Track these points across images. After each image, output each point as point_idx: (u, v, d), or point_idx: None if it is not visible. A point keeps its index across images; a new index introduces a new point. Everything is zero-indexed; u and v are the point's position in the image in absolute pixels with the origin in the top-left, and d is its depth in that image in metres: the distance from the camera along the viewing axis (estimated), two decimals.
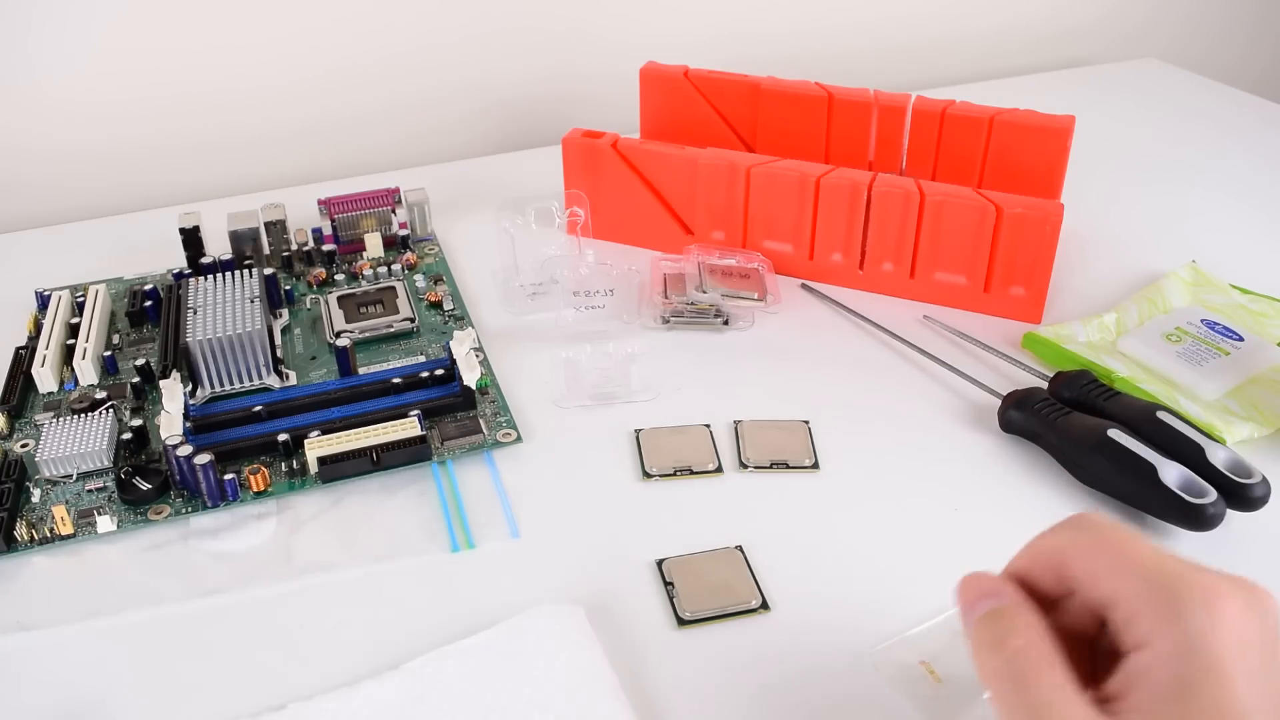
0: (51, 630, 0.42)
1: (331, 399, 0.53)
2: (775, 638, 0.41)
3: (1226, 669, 0.27)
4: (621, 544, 0.46)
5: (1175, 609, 0.28)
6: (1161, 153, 0.82)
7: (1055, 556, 0.32)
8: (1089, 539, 0.31)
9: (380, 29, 0.81)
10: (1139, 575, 0.29)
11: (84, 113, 0.76)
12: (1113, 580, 0.30)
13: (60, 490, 0.49)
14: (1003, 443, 0.51)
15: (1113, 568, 0.30)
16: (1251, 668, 0.28)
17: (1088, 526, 0.32)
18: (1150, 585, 0.29)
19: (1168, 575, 0.29)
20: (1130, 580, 0.29)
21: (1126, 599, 0.29)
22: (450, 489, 0.49)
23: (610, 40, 0.88)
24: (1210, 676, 0.27)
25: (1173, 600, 0.28)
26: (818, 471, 0.50)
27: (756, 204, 0.64)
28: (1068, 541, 0.32)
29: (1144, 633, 0.29)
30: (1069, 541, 0.32)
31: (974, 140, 0.67)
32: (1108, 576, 0.30)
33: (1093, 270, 0.65)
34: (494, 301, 0.63)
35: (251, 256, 0.66)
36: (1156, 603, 0.29)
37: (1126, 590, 0.29)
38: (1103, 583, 0.30)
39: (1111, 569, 0.30)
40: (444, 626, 0.41)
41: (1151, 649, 0.28)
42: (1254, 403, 0.52)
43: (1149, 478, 0.45)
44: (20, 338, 0.60)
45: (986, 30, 1.00)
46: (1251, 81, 1.07)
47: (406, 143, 0.85)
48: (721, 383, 0.56)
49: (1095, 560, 0.31)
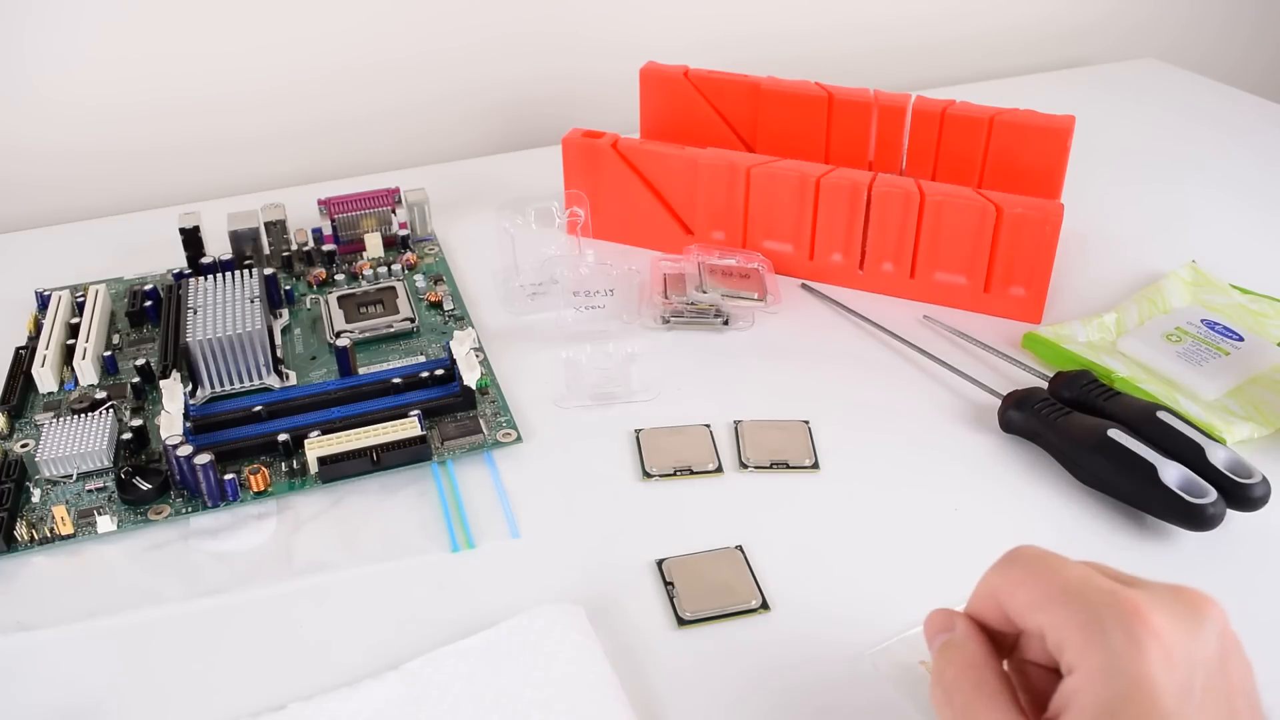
0: (51, 630, 0.42)
1: (331, 399, 0.53)
2: (775, 638, 0.41)
3: (1152, 686, 0.27)
4: (621, 544, 0.46)
5: (1096, 630, 0.28)
6: (1161, 153, 0.82)
7: (993, 596, 0.32)
8: (1018, 573, 0.32)
9: (381, 29, 0.81)
10: (1062, 601, 0.30)
11: (84, 113, 0.76)
12: (1040, 611, 0.30)
13: (60, 490, 0.49)
14: (1003, 443, 0.51)
15: (1039, 598, 0.30)
16: (1183, 682, 0.27)
17: (1018, 560, 0.32)
18: (1073, 609, 0.29)
19: (1090, 598, 0.29)
20: (1055, 608, 0.30)
21: (1053, 627, 0.30)
22: (450, 489, 0.49)
23: (610, 41, 0.88)
24: (1136, 695, 0.27)
25: (1093, 622, 0.29)
26: (818, 471, 0.50)
27: (756, 204, 0.64)
28: (999, 579, 0.32)
29: (1071, 657, 0.29)
30: (1001, 579, 0.32)
31: (974, 140, 0.67)
32: (1036, 608, 0.30)
33: (1093, 270, 0.65)
34: (494, 301, 0.63)
35: (251, 256, 0.66)
36: (1079, 626, 0.29)
37: (1052, 618, 0.30)
38: (1032, 614, 0.31)
39: (1038, 600, 0.30)
40: (444, 626, 0.41)
41: (1079, 673, 0.29)
42: (1254, 403, 0.52)
43: (1149, 478, 0.45)
44: (20, 338, 0.60)
45: (986, 30, 1.00)
46: (1251, 81, 1.07)
47: (406, 143, 0.85)
48: (721, 383, 0.56)
49: (1024, 593, 0.31)
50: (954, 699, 0.31)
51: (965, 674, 0.32)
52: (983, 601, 0.33)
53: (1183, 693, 0.27)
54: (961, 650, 0.32)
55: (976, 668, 0.32)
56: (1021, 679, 0.32)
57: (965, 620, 0.33)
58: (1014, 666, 0.33)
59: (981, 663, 0.32)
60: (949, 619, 0.34)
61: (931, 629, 0.34)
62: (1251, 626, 0.41)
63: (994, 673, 0.31)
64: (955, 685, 0.32)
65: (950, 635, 0.33)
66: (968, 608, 0.34)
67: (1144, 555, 0.45)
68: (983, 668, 0.32)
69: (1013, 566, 0.32)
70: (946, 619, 0.34)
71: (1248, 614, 0.42)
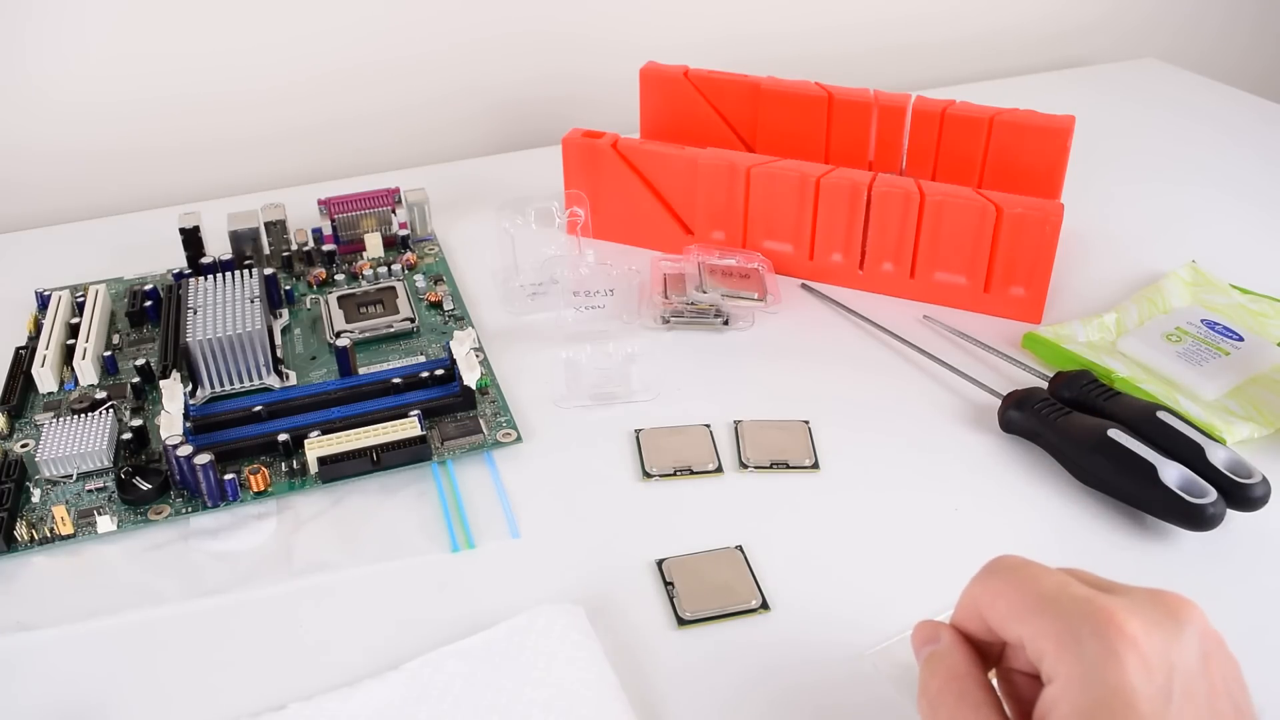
0: (51, 630, 0.42)
1: (331, 399, 0.53)
2: (775, 638, 0.41)
3: (1129, 693, 0.27)
4: (621, 544, 0.46)
5: (1072, 639, 0.28)
6: (1161, 153, 0.82)
7: (974, 608, 0.32)
8: (997, 584, 0.32)
9: (381, 29, 0.81)
10: (1040, 611, 0.30)
11: (84, 113, 0.76)
12: (1019, 622, 0.30)
13: (60, 490, 0.49)
14: (1003, 443, 0.51)
15: (1017, 609, 0.30)
16: (1160, 687, 0.27)
17: (997, 571, 0.32)
18: (1050, 619, 0.29)
19: (1065, 607, 0.29)
20: (1033, 618, 0.30)
21: (1032, 637, 0.30)
22: (450, 489, 0.49)
23: (610, 41, 0.88)
24: (1113, 702, 0.27)
25: (1069, 631, 0.29)
26: (818, 471, 0.50)
27: (756, 204, 0.64)
28: (979, 590, 0.32)
29: (1049, 667, 0.29)
30: (980, 590, 0.32)
31: (974, 140, 0.67)
32: (1015, 618, 0.31)
33: (1093, 270, 0.65)
34: (494, 301, 0.63)
35: (251, 256, 0.66)
36: (1056, 636, 0.29)
37: (1030, 629, 0.30)
38: (1012, 625, 0.31)
39: (1016, 611, 0.31)
40: (444, 626, 0.41)
41: (1057, 682, 0.29)
42: (1254, 403, 0.52)
43: (1149, 478, 0.45)
44: (20, 338, 0.60)
45: (986, 30, 1.00)
46: (1251, 81, 1.07)
47: (406, 143, 0.85)
48: (721, 383, 0.56)
49: (1003, 605, 0.31)
50: (938, 711, 0.32)
51: (949, 685, 0.32)
52: (966, 613, 0.33)
53: (1161, 698, 0.27)
54: (946, 661, 0.32)
55: (960, 679, 0.32)
56: (1008, 688, 0.33)
57: (950, 631, 0.33)
58: (1001, 676, 0.33)
59: (965, 674, 0.32)
60: (935, 630, 0.34)
61: (918, 640, 0.34)
62: (1250, 626, 0.41)
63: (978, 684, 0.31)
64: (940, 697, 0.32)
65: (936, 646, 0.33)
66: (953, 619, 0.34)
67: (1144, 555, 0.45)
68: (966, 678, 0.32)
69: (992, 577, 0.32)
70: (932, 630, 0.34)
71: (1247, 614, 0.42)
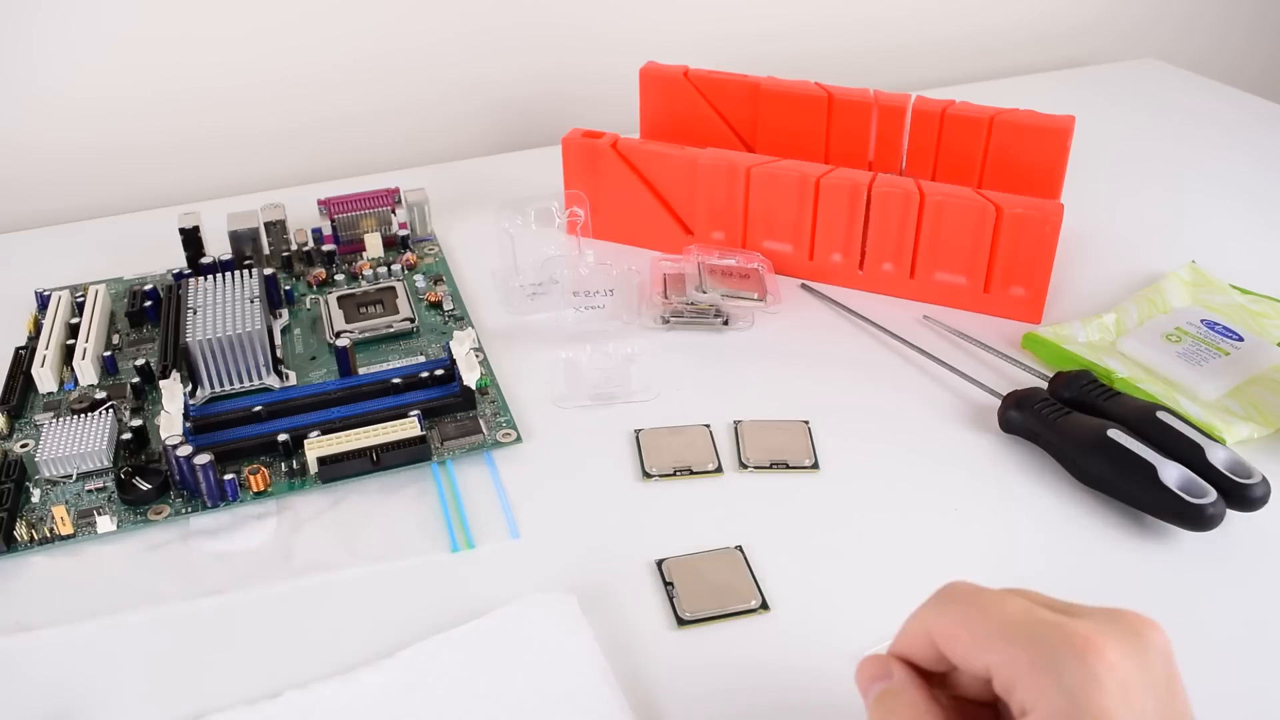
0: (51, 630, 0.42)
1: (331, 399, 0.53)
2: (775, 638, 0.41)
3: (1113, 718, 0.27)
4: (621, 544, 0.46)
5: (1049, 667, 0.28)
6: (1161, 152, 0.82)
7: (925, 638, 0.31)
8: (955, 614, 0.31)
9: (381, 29, 0.81)
10: (1008, 640, 0.29)
11: (84, 113, 0.76)
12: (983, 652, 0.29)
13: (60, 490, 0.49)
14: (1003, 443, 0.51)
15: (980, 639, 0.30)
16: (1138, 710, 0.27)
17: (953, 599, 0.31)
18: (1020, 648, 0.29)
19: (1036, 634, 0.29)
20: (1000, 648, 0.29)
21: (999, 667, 0.29)
22: (450, 489, 0.49)
23: (610, 40, 0.88)
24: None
25: (1045, 658, 0.28)
26: (818, 471, 0.50)
27: (756, 204, 0.64)
28: (934, 620, 0.31)
29: (1024, 697, 0.28)
30: (935, 619, 0.31)
31: (974, 140, 0.67)
32: (978, 649, 0.30)
33: (1093, 270, 0.65)
34: (494, 301, 0.63)
35: (251, 256, 0.66)
36: (1029, 664, 0.28)
37: (998, 659, 0.29)
38: (974, 656, 0.30)
39: (979, 641, 0.30)
40: (444, 627, 0.41)
41: (1036, 713, 0.28)
42: (1254, 403, 0.52)
43: (1149, 478, 0.45)
44: (20, 338, 0.60)
45: (986, 30, 1.00)
46: (1250, 81, 1.07)
47: (406, 143, 0.85)
48: (721, 383, 0.56)
49: (963, 635, 0.30)
50: None
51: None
52: (913, 640, 0.32)
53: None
54: (902, 699, 0.31)
55: (920, 717, 0.31)
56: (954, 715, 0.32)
57: (901, 667, 0.32)
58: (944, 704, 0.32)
59: (925, 711, 0.31)
60: (884, 666, 0.32)
61: (865, 678, 0.33)
62: (1250, 626, 0.41)
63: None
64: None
65: (888, 683, 0.32)
66: (895, 648, 0.33)
67: (1144, 555, 0.45)
68: (926, 715, 0.31)
69: (948, 605, 0.31)
70: (881, 666, 0.33)
71: (1247, 614, 0.42)
